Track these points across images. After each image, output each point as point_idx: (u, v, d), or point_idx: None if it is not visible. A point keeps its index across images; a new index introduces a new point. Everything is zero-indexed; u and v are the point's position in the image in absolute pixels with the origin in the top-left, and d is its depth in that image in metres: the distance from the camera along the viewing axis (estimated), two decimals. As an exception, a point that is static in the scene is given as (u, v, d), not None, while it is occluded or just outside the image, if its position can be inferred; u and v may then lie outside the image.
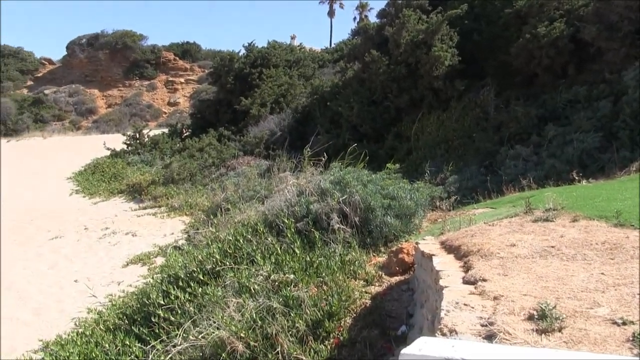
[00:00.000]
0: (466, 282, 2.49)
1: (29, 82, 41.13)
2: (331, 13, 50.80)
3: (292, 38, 33.71)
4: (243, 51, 20.38)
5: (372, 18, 36.08)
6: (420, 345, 1.48)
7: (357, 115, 12.33)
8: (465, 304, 2.09)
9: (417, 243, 3.88)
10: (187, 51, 42.65)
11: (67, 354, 4.64)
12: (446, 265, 2.94)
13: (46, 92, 38.06)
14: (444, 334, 1.86)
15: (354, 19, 48.31)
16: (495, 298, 2.11)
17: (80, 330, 5.34)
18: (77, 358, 4.48)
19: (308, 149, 6.69)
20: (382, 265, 4.58)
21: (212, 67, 23.05)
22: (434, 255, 3.26)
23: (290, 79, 18.34)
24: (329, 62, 22.66)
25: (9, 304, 6.58)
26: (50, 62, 43.53)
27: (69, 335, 5.29)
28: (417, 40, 11.46)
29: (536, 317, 1.83)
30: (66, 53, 42.31)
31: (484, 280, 2.38)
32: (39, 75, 42.06)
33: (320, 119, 13.47)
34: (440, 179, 8.49)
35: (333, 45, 31.72)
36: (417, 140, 11.24)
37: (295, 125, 14.75)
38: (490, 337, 1.74)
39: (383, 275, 4.41)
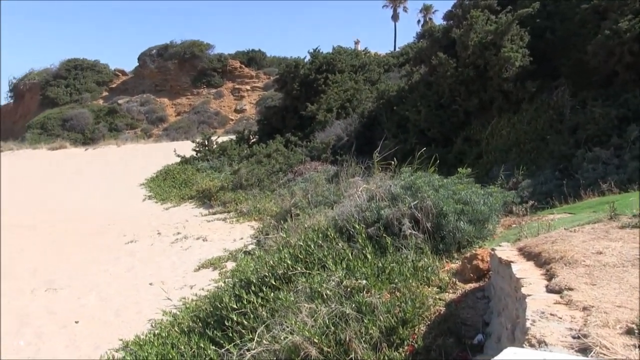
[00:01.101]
0: (550, 290, 2.39)
1: (104, 93, 42.63)
2: (395, 17, 50.56)
3: (356, 43, 33.70)
4: (308, 57, 20.53)
5: (437, 20, 35.67)
6: (509, 355, 1.43)
7: (425, 119, 12.19)
8: (551, 314, 2.00)
9: (492, 249, 3.78)
10: (252, 59, 43.23)
11: (146, 354, 4.75)
12: (526, 273, 2.84)
13: (120, 102, 39.34)
14: (532, 345, 1.78)
15: (418, 21, 47.92)
16: (584, 309, 2.01)
17: (156, 332, 5.47)
18: (155, 358, 4.58)
19: (377, 153, 6.65)
20: (455, 271, 4.49)
21: (278, 74, 23.29)
22: (512, 262, 3.16)
23: (356, 83, 18.31)
24: (394, 66, 22.53)
25: (92, 305, 6.80)
26: (123, 73, 45.01)
27: (146, 336, 5.42)
28: (486, 42, 11.23)
29: (637, 331, 1.73)
30: (138, 64, 43.64)
31: (570, 289, 2.28)
32: (113, 86, 43.54)
33: (387, 124, 13.39)
34: (512, 184, 8.28)
35: (398, 49, 31.54)
36: (487, 144, 11.01)
37: (362, 130, 14.71)
38: (584, 351, 1.65)
39: (457, 282, 4.31)
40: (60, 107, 38.99)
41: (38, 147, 31.68)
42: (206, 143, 19.86)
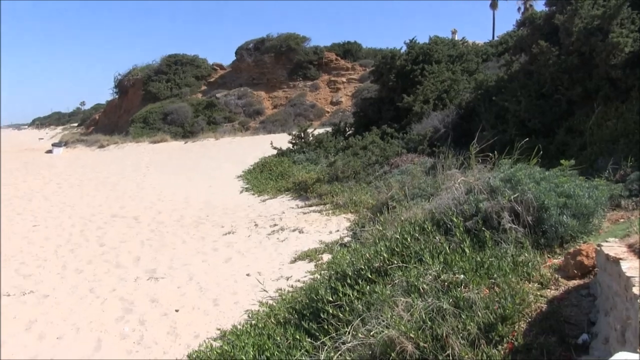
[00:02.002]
0: (665, 291, 2.25)
1: (203, 87, 44.00)
2: (494, 5, 49.24)
3: (453, 33, 33.08)
4: (404, 48, 20.28)
5: (538, 7, 34.35)
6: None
7: (525, 109, 11.75)
8: (667, 316, 1.88)
9: (599, 245, 3.58)
10: (348, 51, 43.28)
11: (243, 344, 4.85)
12: (637, 272, 2.68)
13: (218, 95, 40.44)
14: (647, 350, 1.67)
15: (518, 9, 46.42)
16: None
17: (253, 322, 5.57)
18: (252, 348, 4.67)
19: (475, 145, 6.48)
20: (558, 267, 4.31)
21: (374, 66, 23.15)
22: (621, 259, 2.99)
23: (453, 74, 17.92)
24: (492, 56, 21.89)
25: (191, 294, 7.03)
26: (221, 67, 46.27)
27: (243, 326, 5.54)
28: (592, 27, 10.66)
29: None
30: (235, 58, 44.71)
31: (688, 289, 2.13)
32: (211, 80, 44.85)
33: (485, 115, 13.01)
34: (619, 176, 7.83)
35: (496, 38, 30.65)
36: (592, 134, 10.47)
37: (459, 121, 14.39)
38: None
39: (559, 278, 4.14)
40: (161, 101, 40.56)
41: (140, 140, 33.16)
42: (302, 135, 20.05)
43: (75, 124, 73.70)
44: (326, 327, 4.46)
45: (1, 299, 7.19)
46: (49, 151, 35.39)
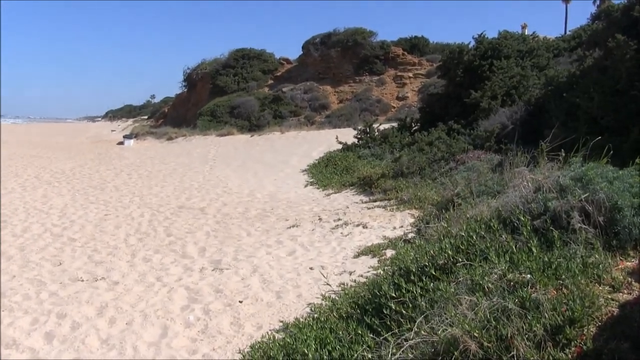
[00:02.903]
0: None
1: (270, 81, 44.50)
2: (567, -2, 47.75)
3: (523, 27, 32.26)
4: (473, 43, 19.93)
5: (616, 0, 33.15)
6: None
7: (598, 106, 11.34)
8: None
9: (677, 248, 3.43)
10: (415, 45, 42.92)
11: (305, 336, 4.88)
12: None
13: (284, 89, 40.81)
14: None
15: (594, 1, 44.89)
16: None
17: (315, 316, 5.59)
18: (314, 342, 4.68)
19: (547, 142, 6.31)
20: (631, 270, 4.14)
21: (441, 61, 22.86)
22: (700, 263, 2.86)
23: (523, 70, 17.48)
24: (564, 51, 21.31)
25: (255, 286, 7.12)
26: (288, 61, 46.71)
27: (305, 319, 5.57)
28: (674, 20, 10.22)
29: None
30: (302, 53, 45.00)
31: None
32: (278, 74, 45.31)
33: (555, 111, 12.64)
34: (701, 177, 7.48)
35: (569, 32, 29.78)
36: (672, 133, 10.03)
37: (528, 118, 14.04)
38: None
39: (633, 282, 3.98)
40: (228, 95, 41.24)
41: (208, 133, 33.80)
42: (368, 130, 20.01)
43: (146, 117, 75.84)
44: (388, 323, 4.43)
45: (72, 284, 7.48)
46: (121, 143, 36.53)
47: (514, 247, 4.41)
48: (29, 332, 5.91)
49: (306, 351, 4.48)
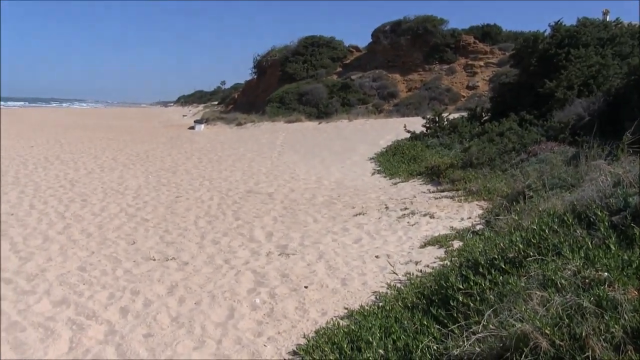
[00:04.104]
0: None
1: (338, 69, 44.49)
2: (653, -17, 45.64)
3: (605, 13, 30.95)
4: (548, 31, 19.27)
5: None
6: None
7: (685, 97, 10.81)
8: None
9: None
10: (487, 34, 41.95)
11: (369, 324, 4.88)
12: None
13: (353, 77, 40.66)
14: None
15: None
16: None
17: (380, 304, 5.58)
18: (378, 330, 4.68)
19: (629, 134, 6.06)
20: None
21: (514, 49, 22.29)
22: None
23: (603, 58, 16.76)
24: (652, 38, 20.28)
25: (320, 272, 7.15)
26: (357, 49, 46.56)
27: (370, 307, 5.56)
28: None
29: None
30: (371, 40, 44.71)
31: None
32: (347, 62, 45.25)
33: (638, 102, 12.11)
34: None
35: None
36: None
37: (606, 109, 13.48)
38: None
39: None
40: (297, 82, 41.45)
41: (276, 119, 34.11)
42: (436, 119, 19.74)
43: (216, 102, 77.08)
44: (455, 315, 4.38)
45: (144, 262, 7.71)
46: (192, 127, 37.35)
47: (589, 243, 4.26)
48: (106, 306, 6.16)
49: (370, 339, 4.48)
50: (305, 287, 6.63)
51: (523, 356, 3.30)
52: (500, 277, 4.41)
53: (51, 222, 10.12)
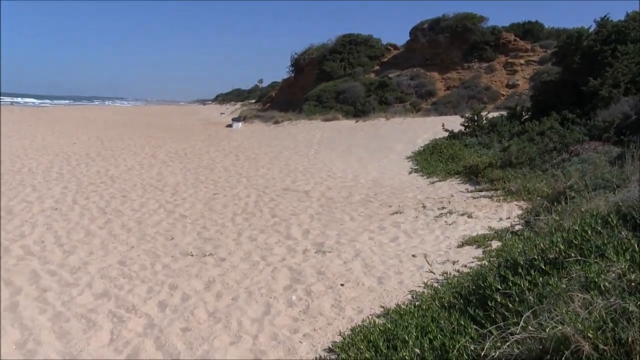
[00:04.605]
0: None
1: (376, 67, 44.29)
2: None
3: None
4: (593, 27, 18.83)
5: None
6: None
7: None
8: None
9: None
10: (528, 31, 41.33)
11: (406, 323, 4.84)
12: None
13: (390, 75, 40.45)
14: None
15: None
16: None
17: (417, 303, 5.53)
18: (415, 329, 4.64)
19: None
20: None
21: (556, 47, 21.88)
22: None
23: (654, 55, 16.25)
24: None
25: (356, 270, 7.13)
26: (394, 47, 46.31)
27: (407, 306, 5.53)
28: None
29: None
30: (409, 38, 44.42)
31: None
32: (384, 60, 45.03)
33: (688, 101, 11.75)
34: None
35: None
36: None
37: (656, 108, 13.13)
38: None
39: None
40: (334, 80, 41.37)
41: (313, 117, 34.10)
42: (475, 118, 19.51)
43: (253, 101, 77.58)
44: (493, 315, 4.31)
45: (182, 258, 7.80)
46: (229, 125, 37.59)
47: (635, 246, 4.14)
48: (145, 299, 6.28)
49: (407, 338, 4.45)
50: (342, 284, 6.62)
51: (563, 359, 3.23)
52: (540, 278, 4.33)
53: (93, 217, 10.33)
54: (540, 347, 3.47)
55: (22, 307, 5.99)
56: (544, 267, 4.51)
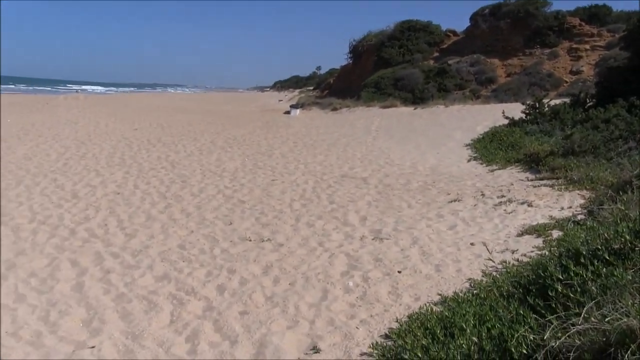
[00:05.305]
0: None
1: (435, 54, 43.69)
2: None
3: None
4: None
5: None
6: None
7: None
8: None
9: None
10: (594, 15, 39.90)
11: (463, 311, 4.81)
12: None
13: (449, 62, 39.81)
14: None
15: None
16: None
17: (475, 292, 5.49)
18: (472, 317, 4.61)
19: None
20: None
21: (625, 30, 21.15)
22: None
23: None
24: None
25: (414, 258, 7.12)
26: (454, 33, 45.57)
27: (464, 294, 5.49)
28: None
29: None
30: (469, 24, 43.63)
31: None
32: (443, 46, 44.38)
33: None
34: None
35: None
36: None
37: None
38: None
39: None
40: (393, 67, 40.99)
41: (371, 104, 33.92)
42: (537, 105, 19.05)
43: (311, 88, 77.65)
44: (554, 305, 4.23)
45: (240, 243, 7.94)
46: (287, 112, 37.80)
47: None
48: (204, 283, 6.44)
49: (464, 326, 4.43)
50: (399, 271, 6.62)
51: (629, 352, 3.15)
52: (604, 269, 4.22)
53: (153, 201, 10.61)
54: (604, 339, 3.40)
55: (87, 287, 6.26)
56: (607, 258, 4.40)
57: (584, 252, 4.65)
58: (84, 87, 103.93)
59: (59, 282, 6.41)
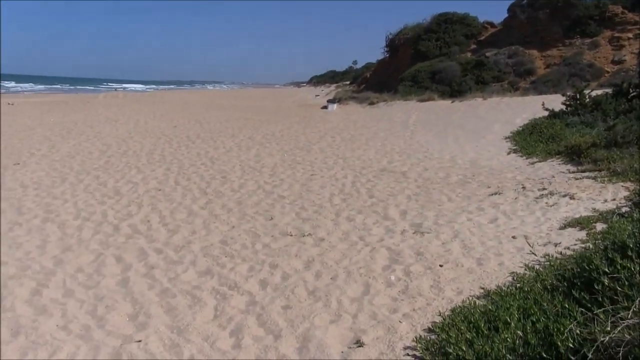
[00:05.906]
0: None
1: (472, 46, 43.24)
2: None
3: None
4: None
5: None
6: None
7: None
8: None
9: None
10: (638, 2, 38.93)
11: (507, 305, 4.80)
12: None
13: (487, 54, 39.35)
14: None
15: None
16: None
17: (518, 285, 5.46)
18: (516, 311, 4.60)
19: None
20: None
21: (669, 19, 20.62)
22: None
23: None
24: None
25: (455, 251, 7.10)
26: (492, 25, 45.01)
27: (508, 288, 5.46)
28: None
29: None
30: (507, 15, 43.04)
31: None
32: (481, 38, 43.88)
33: None
34: None
35: None
36: None
37: None
38: None
39: None
40: (430, 60, 40.73)
41: (409, 98, 33.78)
42: (577, 97, 18.73)
43: (348, 82, 77.66)
44: (600, 299, 4.20)
45: (282, 238, 8.02)
46: (324, 107, 37.82)
47: None
48: (246, 277, 6.52)
49: (509, 320, 4.42)
50: (440, 265, 6.62)
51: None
52: (652, 262, 4.18)
53: (194, 197, 10.77)
54: (654, 334, 3.38)
55: (132, 283, 6.39)
56: (656, 251, 4.35)
57: (631, 245, 4.61)
58: (124, 85, 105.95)
59: (104, 277, 6.57)
